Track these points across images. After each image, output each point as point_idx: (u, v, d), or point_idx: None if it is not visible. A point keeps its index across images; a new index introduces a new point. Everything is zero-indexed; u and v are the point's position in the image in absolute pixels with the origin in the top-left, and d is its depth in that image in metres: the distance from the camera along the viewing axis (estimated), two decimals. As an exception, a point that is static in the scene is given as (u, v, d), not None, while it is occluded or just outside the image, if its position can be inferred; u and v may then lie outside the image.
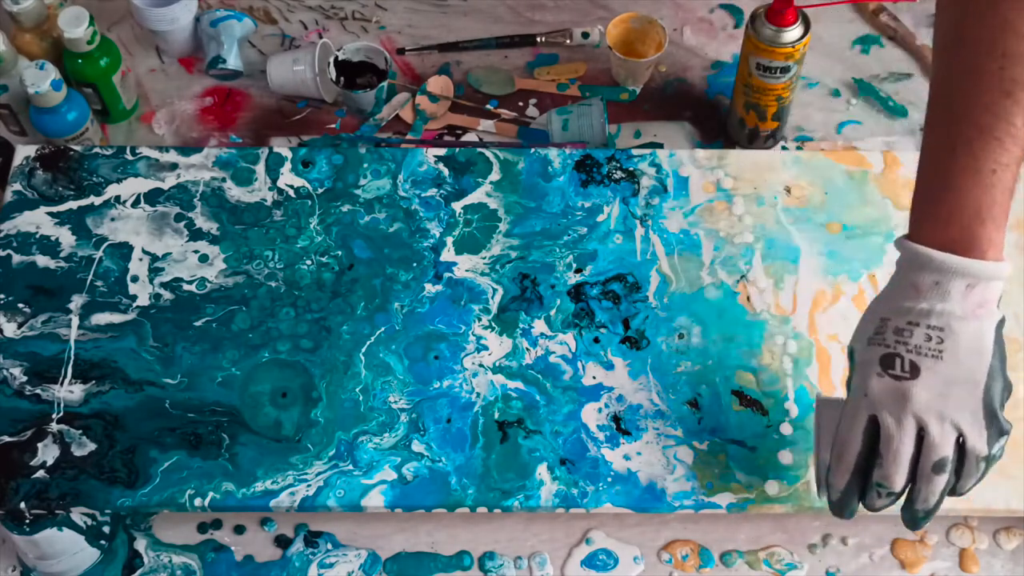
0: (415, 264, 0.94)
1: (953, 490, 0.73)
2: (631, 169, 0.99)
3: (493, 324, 0.92)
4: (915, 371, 0.71)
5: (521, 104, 1.13)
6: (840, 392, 0.82)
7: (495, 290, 0.93)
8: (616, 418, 0.87)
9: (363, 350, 0.90)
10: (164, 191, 0.98)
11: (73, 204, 0.97)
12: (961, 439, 0.72)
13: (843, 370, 0.89)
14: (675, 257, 0.95)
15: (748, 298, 0.93)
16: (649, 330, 0.91)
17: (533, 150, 1.01)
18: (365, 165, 0.99)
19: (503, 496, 0.84)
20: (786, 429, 0.87)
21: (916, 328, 0.71)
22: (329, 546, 0.89)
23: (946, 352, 0.71)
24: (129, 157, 1.00)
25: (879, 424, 0.72)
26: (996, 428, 0.72)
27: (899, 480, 0.72)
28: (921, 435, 0.72)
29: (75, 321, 0.91)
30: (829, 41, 1.17)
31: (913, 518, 0.74)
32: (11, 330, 0.90)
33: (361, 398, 0.88)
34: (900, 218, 0.97)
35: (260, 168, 0.99)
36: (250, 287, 0.93)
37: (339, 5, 1.20)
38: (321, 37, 1.17)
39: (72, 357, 0.89)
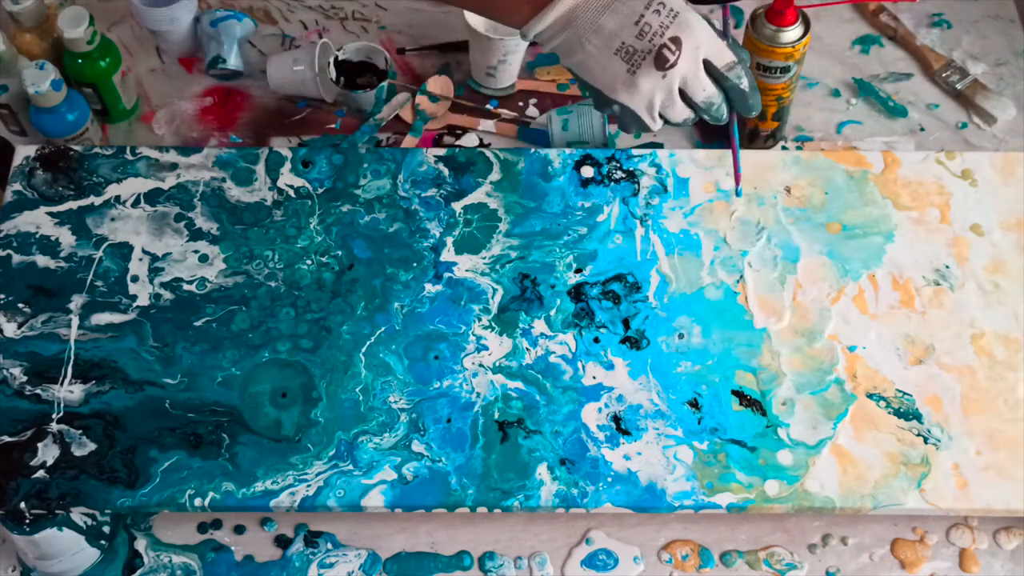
0: (415, 264, 0.94)
1: (744, 103, 0.81)
2: (631, 169, 0.99)
3: (493, 324, 0.92)
4: (677, 41, 0.77)
5: (521, 104, 1.13)
6: None
7: (495, 290, 0.93)
8: (616, 418, 0.87)
9: (363, 350, 0.90)
10: (164, 191, 0.98)
11: (73, 204, 0.97)
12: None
13: (844, 370, 0.89)
14: (675, 257, 0.95)
15: (747, 298, 0.93)
16: (649, 330, 0.91)
17: (533, 150, 1.01)
18: (365, 165, 0.99)
19: (503, 496, 0.84)
20: (786, 430, 0.87)
21: (645, 19, 0.77)
22: (329, 546, 0.89)
23: (677, 13, 0.77)
24: (129, 157, 1.00)
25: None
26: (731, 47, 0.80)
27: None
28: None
29: (75, 321, 0.91)
30: (829, 41, 1.17)
31: (744, 104, 0.81)
32: (11, 330, 0.90)
33: (361, 398, 0.88)
34: (900, 218, 0.97)
35: (260, 168, 0.99)
36: (250, 287, 0.93)
37: (339, 5, 1.20)
38: (321, 37, 1.17)
39: (72, 357, 0.89)
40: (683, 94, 0.80)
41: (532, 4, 0.78)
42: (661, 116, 0.80)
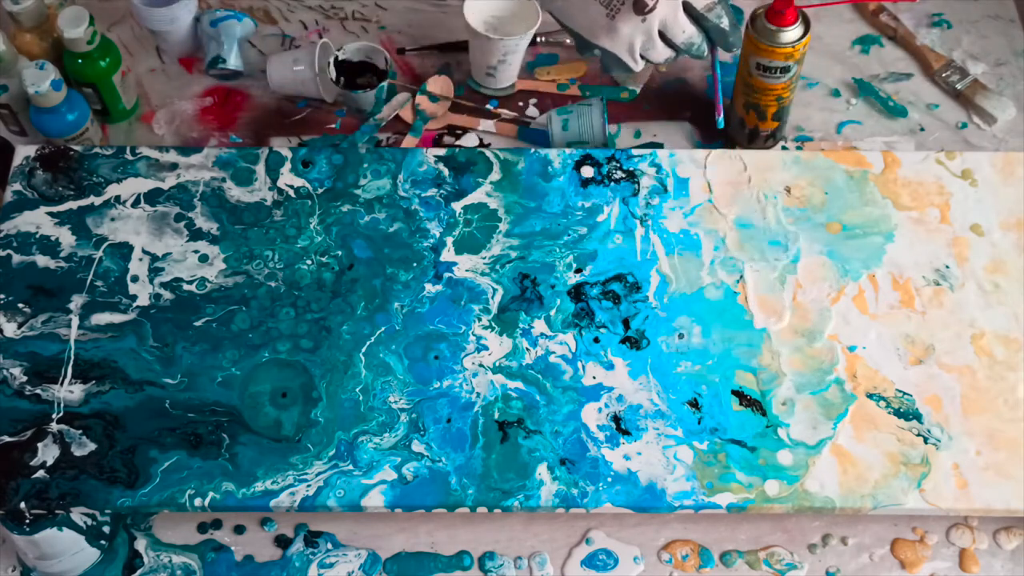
0: (415, 264, 0.94)
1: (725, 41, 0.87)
2: (631, 169, 0.99)
3: (493, 324, 0.92)
4: None
5: (521, 104, 1.13)
6: None
7: (495, 290, 0.93)
8: (616, 418, 0.87)
9: (363, 350, 0.90)
10: (164, 191, 0.98)
11: (73, 204, 0.97)
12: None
13: (844, 370, 0.89)
14: (675, 257, 0.95)
15: (747, 298, 0.93)
16: (649, 330, 0.91)
17: (533, 150, 1.01)
18: (365, 165, 0.99)
19: (503, 496, 0.84)
20: (786, 430, 0.87)
21: None
22: (329, 546, 0.89)
23: None
24: (129, 157, 1.00)
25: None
26: None
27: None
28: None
29: (75, 321, 0.91)
30: (829, 41, 1.17)
31: (725, 41, 0.88)
32: (11, 330, 0.90)
33: (361, 398, 0.88)
34: (900, 218, 0.97)
35: (260, 168, 0.99)
36: (250, 287, 0.93)
37: (339, 5, 1.20)
38: (321, 37, 1.17)
39: (72, 357, 0.89)
40: (663, 35, 0.83)
41: None
42: (642, 56, 0.84)
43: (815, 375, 0.89)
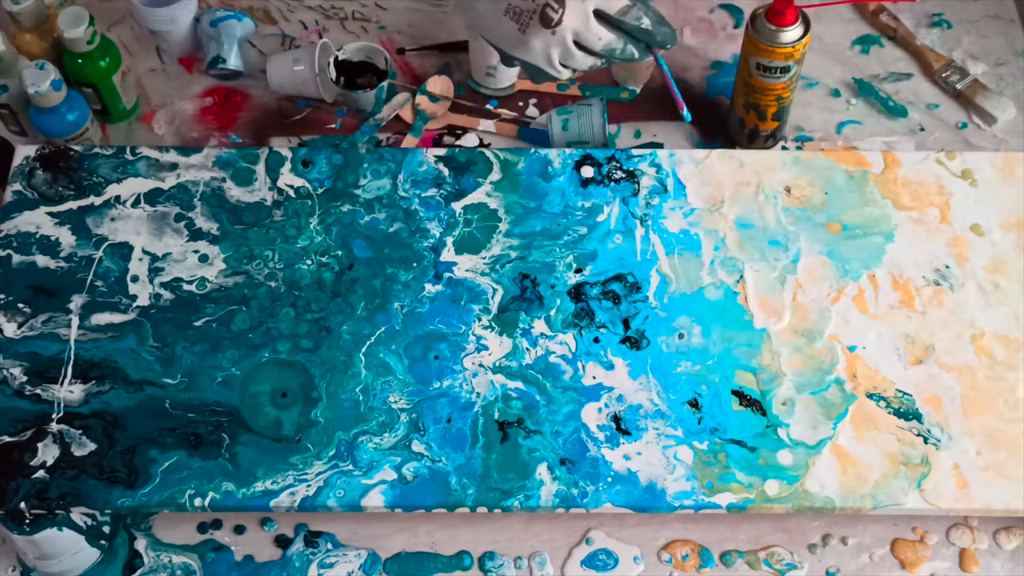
0: (415, 264, 0.94)
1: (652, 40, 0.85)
2: (631, 169, 0.99)
3: (493, 324, 0.92)
4: (560, 0, 0.81)
5: (521, 104, 1.13)
6: None
7: (495, 290, 0.93)
8: (616, 418, 0.87)
9: (363, 350, 0.90)
10: (164, 191, 0.98)
11: (73, 204, 0.97)
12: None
13: (844, 370, 0.89)
14: (675, 257, 0.95)
15: (747, 298, 0.93)
16: (649, 330, 0.91)
17: (533, 150, 1.01)
18: (365, 165, 0.99)
19: (503, 496, 0.84)
20: (786, 430, 0.87)
21: None
22: (329, 546, 0.89)
23: None
24: (129, 157, 1.00)
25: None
26: None
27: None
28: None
29: (75, 321, 0.91)
30: (829, 41, 1.17)
31: (654, 40, 0.85)
32: (11, 330, 0.90)
33: (361, 398, 0.88)
34: (900, 218, 0.97)
35: (260, 168, 0.99)
36: (250, 287, 0.93)
37: (339, 5, 1.20)
38: (321, 37, 1.17)
39: (72, 357, 0.89)
40: (580, 45, 0.83)
41: None
42: (565, 65, 0.84)
43: (815, 375, 0.89)
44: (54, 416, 0.87)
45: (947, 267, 0.95)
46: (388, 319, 0.92)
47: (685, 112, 0.94)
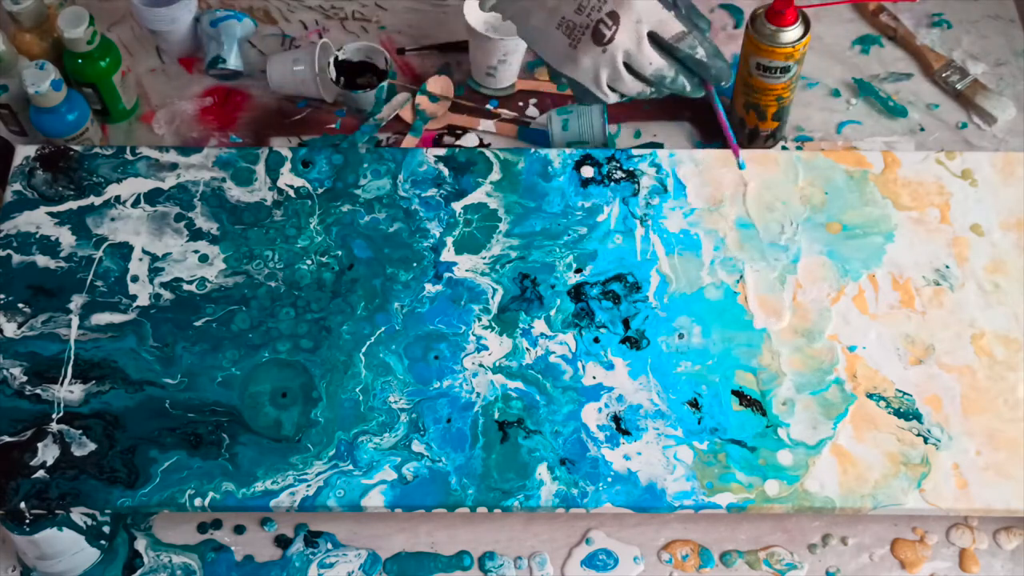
0: (415, 264, 0.94)
1: (703, 69, 0.80)
2: (631, 169, 0.99)
3: (493, 324, 0.92)
4: (614, 16, 0.77)
5: (521, 104, 1.13)
6: None
7: (495, 290, 0.93)
8: (616, 418, 0.87)
9: (363, 350, 0.90)
10: (164, 191, 0.98)
11: (73, 204, 0.97)
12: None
13: (844, 370, 0.89)
14: (675, 257, 0.95)
15: (747, 298, 0.93)
16: (649, 330, 0.91)
17: (533, 150, 1.01)
18: (365, 165, 0.99)
19: (503, 496, 0.84)
20: (786, 430, 0.87)
21: (584, 1, 0.77)
22: (329, 546, 0.89)
23: None
24: (129, 157, 1.00)
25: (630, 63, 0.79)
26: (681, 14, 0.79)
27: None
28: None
29: (75, 321, 0.91)
30: (829, 41, 1.17)
31: (707, 73, 0.80)
32: (11, 330, 0.90)
33: (361, 398, 0.88)
34: (900, 218, 0.97)
35: (260, 168, 0.99)
36: (250, 287, 0.93)
37: (339, 5, 1.20)
38: (321, 37, 1.17)
39: (72, 357, 0.89)
40: (630, 68, 0.79)
41: None
42: (614, 89, 0.80)
43: (815, 375, 0.89)
44: (54, 416, 0.87)
45: (947, 267, 0.95)
46: (388, 319, 0.92)
47: (740, 160, 0.90)
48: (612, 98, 0.80)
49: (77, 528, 0.85)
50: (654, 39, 0.78)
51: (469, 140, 1.10)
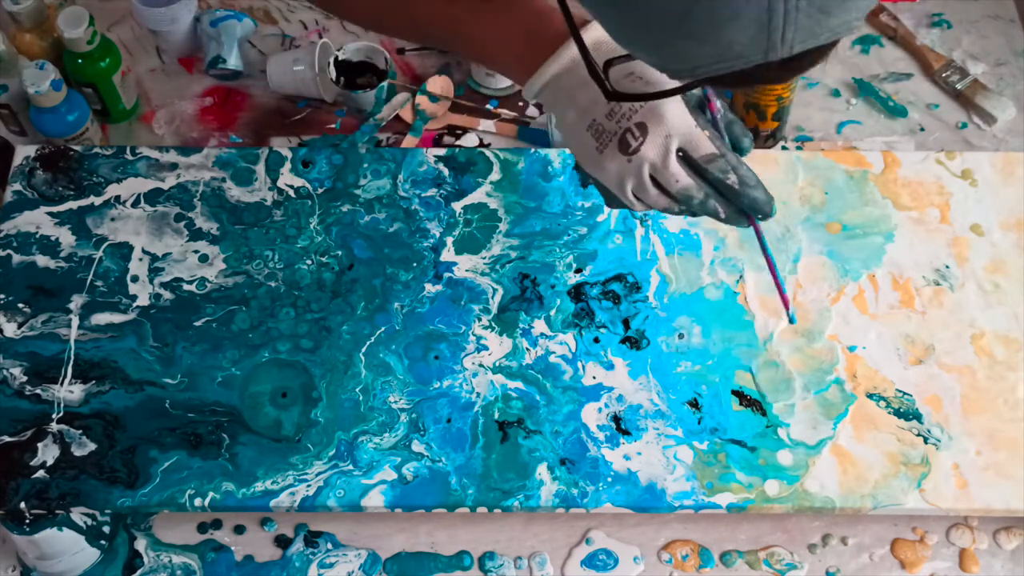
0: (415, 264, 0.94)
1: (741, 184, 0.74)
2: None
3: (493, 324, 0.92)
4: (642, 127, 0.73)
5: (521, 104, 1.13)
6: None
7: (495, 290, 0.93)
8: (616, 418, 0.87)
9: (363, 350, 0.90)
10: (164, 191, 0.98)
11: (73, 204, 0.97)
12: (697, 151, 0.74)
13: (844, 370, 0.89)
14: (675, 257, 0.95)
15: (747, 298, 0.93)
16: (649, 330, 0.91)
17: (533, 150, 1.01)
18: (365, 165, 0.99)
19: (503, 496, 0.84)
20: (786, 430, 0.87)
21: (616, 107, 0.73)
22: (329, 546, 0.89)
23: (646, 103, 0.74)
24: (129, 157, 1.00)
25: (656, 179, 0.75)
26: (713, 132, 0.75)
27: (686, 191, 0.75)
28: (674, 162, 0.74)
29: (75, 321, 0.91)
30: (829, 41, 1.17)
31: (739, 201, 0.75)
32: (11, 330, 0.90)
33: (361, 398, 0.88)
34: (900, 218, 0.97)
35: (260, 168, 0.99)
36: (250, 287, 0.93)
37: (339, 5, 1.20)
38: (321, 37, 1.17)
39: (72, 357, 0.89)
40: (656, 182, 0.75)
41: (526, 67, 0.75)
42: (639, 198, 0.76)
43: (815, 375, 0.89)
44: (54, 416, 0.87)
45: (947, 267, 0.95)
46: (388, 319, 0.92)
47: (791, 313, 0.81)
48: (639, 207, 0.76)
49: (77, 528, 0.85)
50: (685, 157, 0.74)
51: (469, 140, 1.10)
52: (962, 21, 1.19)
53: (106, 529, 0.88)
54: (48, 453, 0.85)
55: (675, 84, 0.64)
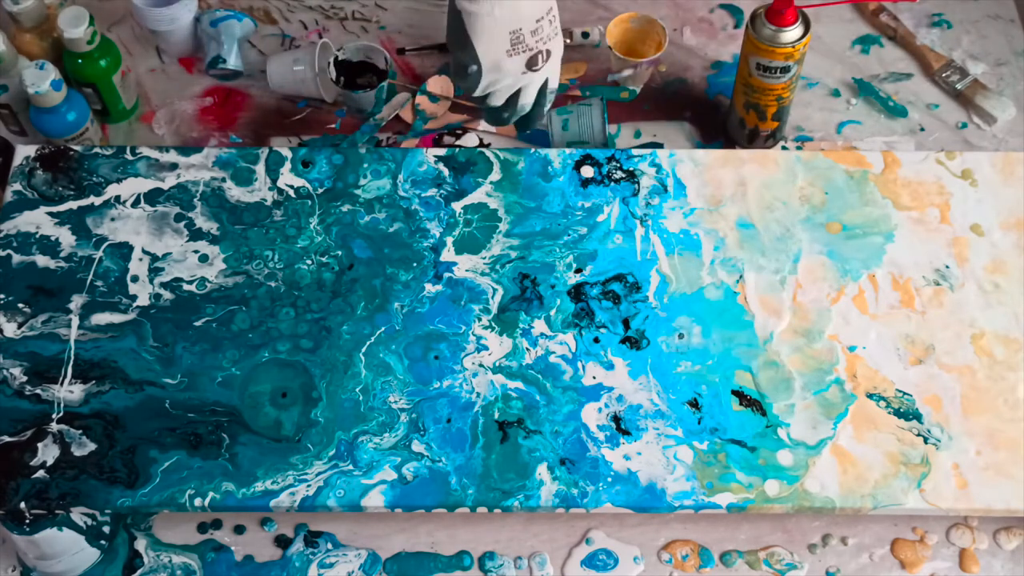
0: (415, 264, 0.94)
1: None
2: (631, 169, 0.99)
3: (493, 324, 0.92)
4: (548, 54, 0.91)
5: (521, 104, 1.13)
6: None
7: (495, 290, 0.93)
8: (616, 418, 0.87)
9: (363, 350, 0.90)
10: (164, 191, 0.98)
11: (73, 204, 0.97)
12: None
13: (844, 370, 0.89)
14: (675, 257, 0.95)
15: (747, 298, 0.93)
16: (649, 330, 0.91)
17: (533, 150, 1.01)
18: (365, 165, 1.00)
19: (503, 496, 0.84)
20: (786, 430, 0.87)
21: (543, 21, 0.88)
22: (329, 546, 0.89)
23: (557, 30, 0.90)
24: (129, 157, 1.00)
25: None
26: None
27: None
28: None
29: (75, 321, 0.91)
30: (829, 41, 1.17)
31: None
32: (11, 330, 0.90)
33: (361, 398, 0.88)
34: (900, 218, 0.97)
35: (260, 168, 0.99)
36: (250, 287, 0.93)
37: (339, 5, 1.20)
38: (321, 37, 1.17)
39: (72, 357, 0.89)
40: (517, 95, 0.93)
41: None
42: (489, 95, 0.92)
43: (815, 375, 0.89)
44: (54, 416, 0.87)
45: (947, 267, 0.95)
46: (388, 319, 0.92)
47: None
48: (494, 100, 0.93)
49: (77, 528, 0.86)
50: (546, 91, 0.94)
51: (469, 140, 1.11)
52: (962, 21, 1.19)
53: (106, 529, 0.88)
54: (48, 453, 0.85)
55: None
